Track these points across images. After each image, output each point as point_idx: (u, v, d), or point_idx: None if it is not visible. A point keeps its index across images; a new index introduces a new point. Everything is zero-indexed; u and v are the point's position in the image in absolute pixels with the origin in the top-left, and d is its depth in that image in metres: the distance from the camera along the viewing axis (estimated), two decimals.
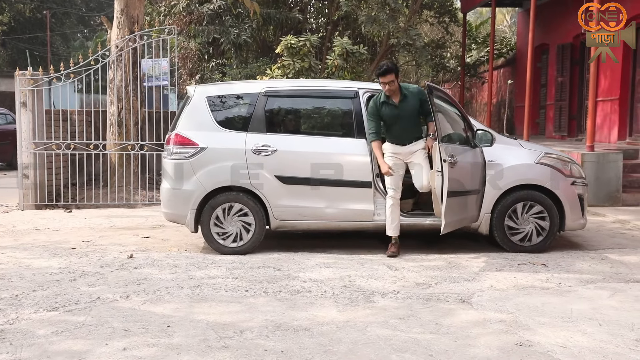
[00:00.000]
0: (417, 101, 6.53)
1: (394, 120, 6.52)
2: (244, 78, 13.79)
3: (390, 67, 6.41)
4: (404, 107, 6.50)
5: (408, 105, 6.51)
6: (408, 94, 6.54)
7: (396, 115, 6.49)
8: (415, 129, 6.66)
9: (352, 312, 4.74)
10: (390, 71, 6.38)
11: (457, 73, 19.91)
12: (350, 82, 8.07)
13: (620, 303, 4.92)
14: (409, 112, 6.52)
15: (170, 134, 6.96)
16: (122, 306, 4.85)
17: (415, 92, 6.59)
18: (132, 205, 10.32)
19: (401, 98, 6.51)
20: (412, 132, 6.61)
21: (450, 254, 6.69)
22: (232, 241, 6.72)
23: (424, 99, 6.49)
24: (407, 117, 6.53)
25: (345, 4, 13.94)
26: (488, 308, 4.83)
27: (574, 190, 6.79)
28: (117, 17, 11.04)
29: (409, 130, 6.60)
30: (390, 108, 6.51)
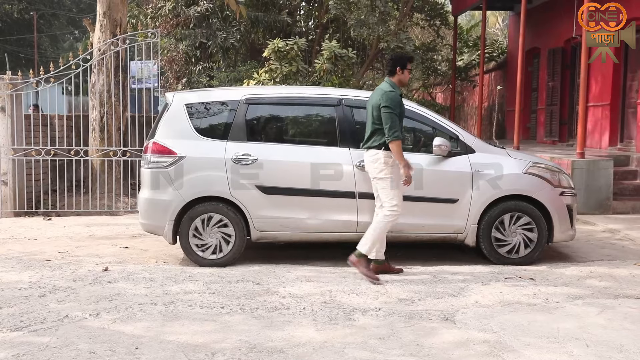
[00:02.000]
0: None
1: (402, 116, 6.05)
2: (232, 82, 13.60)
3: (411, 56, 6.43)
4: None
5: None
6: None
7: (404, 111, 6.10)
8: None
9: (330, 332, 4.55)
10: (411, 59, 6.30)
11: (448, 76, 19.78)
12: (334, 89, 7.88)
13: (608, 321, 4.75)
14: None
15: (148, 142, 6.76)
16: (90, 325, 4.64)
17: None
18: (114, 213, 10.10)
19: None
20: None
21: (436, 266, 6.52)
22: (212, 253, 6.52)
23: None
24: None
25: (334, 7, 13.76)
26: (472, 327, 4.65)
27: (562, 200, 6.63)
28: (99, 20, 10.82)
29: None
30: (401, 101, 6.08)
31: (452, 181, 6.51)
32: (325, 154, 6.55)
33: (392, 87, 5.96)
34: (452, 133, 6.65)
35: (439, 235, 6.62)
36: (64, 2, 41.11)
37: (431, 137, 6.58)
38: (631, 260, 6.84)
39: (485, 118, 19.65)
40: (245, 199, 6.46)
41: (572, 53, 14.93)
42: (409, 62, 6.11)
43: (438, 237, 6.65)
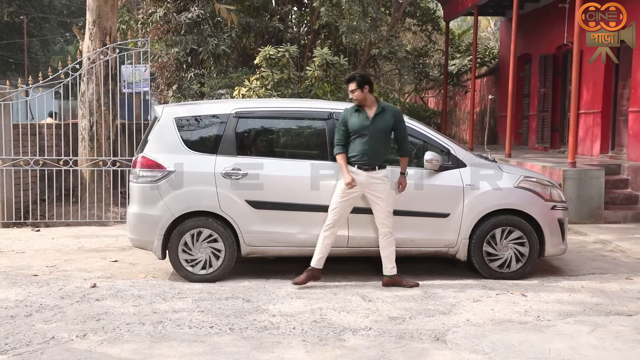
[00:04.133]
0: (391, 119, 6.17)
1: (361, 133, 6.09)
2: (223, 88, 13.55)
3: (351, 77, 6.22)
4: (377, 121, 6.11)
5: (382, 121, 6.13)
6: (386, 108, 6.23)
7: (366, 126, 6.08)
8: (382, 152, 6.19)
9: (320, 353, 4.50)
10: (351, 80, 6.18)
11: (440, 81, 19.79)
12: (324, 102, 7.81)
13: (600, 341, 4.71)
14: (380, 128, 6.12)
15: (137, 156, 6.70)
16: (77, 347, 4.57)
17: (392, 110, 6.32)
18: (104, 223, 10.03)
19: (377, 111, 6.15)
20: (378, 155, 6.13)
21: (427, 280, 6.48)
22: (201, 268, 6.46)
23: (399, 119, 6.25)
24: (377, 134, 6.10)
25: (325, 13, 13.74)
26: (463, 347, 4.61)
27: (554, 214, 6.61)
28: (89, 29, 10.74)
29: (376, 150, 6.12)
30: (360, 118, 6.14)
31: (443, 195, 6.48)
32: (316, 168, 6.49)
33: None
34: (443, 147, 6.62)
35: (431, 249, 6.59)
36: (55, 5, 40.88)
37: (422, 150, 6.55)
38: (622, 274, 6.82)
39: (477, 123, 19.67)
40: (235, 213, 6.41)
41: (563, 60, 14.95)
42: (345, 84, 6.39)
43: (429, 251, 6.62)
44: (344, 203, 6.13)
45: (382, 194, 6.13)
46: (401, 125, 6.24)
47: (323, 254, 6.23)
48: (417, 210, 6.47)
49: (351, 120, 6.16)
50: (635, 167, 10.60)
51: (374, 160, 6.12)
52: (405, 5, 16.04)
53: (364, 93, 6.13)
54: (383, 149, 6.21)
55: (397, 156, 6.34)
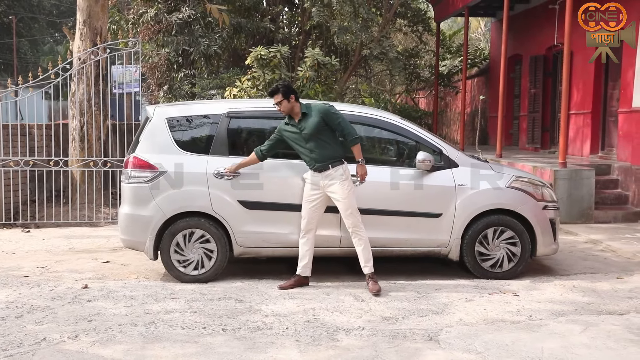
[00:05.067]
0: (318, 118, 6.01)
1: (298, 142, 6.10)
2: (215, 89, 13.51)
3: (275, 89, 6.09)
4: (304, 126, 6.03)
5: (309, 124, 6.02)
6: (308, 111, 6.09)
7: (297, 135, 6.08)
8: (327, 151, 6.03)
9: (314, 354, 4.50)
10: (275, 92, 6.07)
11: (430, 82, 19.83)
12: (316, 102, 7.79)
13: (592, 340, 4.74)
14: (311, 131, 6.00)
15: (128, 156, 6.67)
16: (68, 349, 4.55)
17: (317, 108, 6.10)
18: (95, 224, 9.98)
19: (300, 117, 6.08)
20: (323, 155, 6.01)
21: (419, 280, 6.49)
22: (194, 269, 6.44)
23: (326, 113, 6.03)
24: (310, 137, 6.01)
25: (317, 14, 13.73)
26: (456, 347, 4.62)
27: (545, 214, 6.63)
28: (79, 29, 10.69)
29: (320, 152, 6.01)
30: (292, 128, 6.12)
31: (435, 195, 6.48)
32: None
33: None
34: (436, 147, 6.63)
35: (423, 249, 6.59)
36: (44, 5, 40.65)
37: (414, 151, 6.56)
38: (613, 273, 6.85)
39: (468, 124, 19.73)
40: (227, 214, 6.40)
41: (553, 60, 15.01)
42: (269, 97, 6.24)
43: (422, 251, 6.62)
44: (310, 208, 6.13)
45: (340, 193, 6.01)
46: (332, 117, 6.03)
47: (306, 260, 6.21)
48: (410, 210, 6.47)
49: (286, 134, 6.17)
50: (625, 168, 10.66)
51: (323, 161, 6.02)
52: (396, 6, 16.07)
53: (290, 103, 6.06)
54: (329, 147, 6.05)
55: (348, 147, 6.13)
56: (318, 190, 6.10)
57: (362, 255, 6.10)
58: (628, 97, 10.96)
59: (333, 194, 6.05)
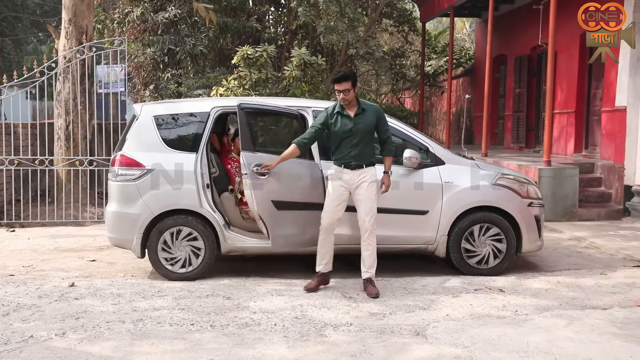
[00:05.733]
0: (374, 118, 5.95)
1: (345, 135, 5.88)
2: (201, 88, 13.48)
3: (346, 74, 5.84)
4: (359, 122, 5.88)
5: (365, 120, 5.89)
6: (366, 108, 5.97)
7: (350, 129, 5.87)
8: (368, 151, 5.96)
9: (302, 349, 4.52)
10: (347, 78, 5.80)
11: (416, 82, 19.91)
12: (302, 100, 7.81)
13: (576, 334, 4.80)
14: (364, 128, 5.89)
15: (115, 154, 6.65)
16: (56, 346, 4.54)
17: (373, 108, 6.12)
18: (81, 223, 9.93)
19: (358, 111, 5.90)
20: (364, 154, 5.91)
21: (406, 277, 6.53)
22: (181, 266, 6.44)
23: (381, 117, 6.06)
24: (361, 134, 5.88)
25: (303, 13, 13.75)
26: (443, 341, 4.66)
27: (530, 211, 6.70)
28: (64, 27, 10.63)
29: (362, 150, 5.90)
30: (344, 119, 5.89)
31: (422, 193, 6.52)
32: (295, 165, 6.47)
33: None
34: (422, 145, 6.68)
35: (410, 246, 6.64)
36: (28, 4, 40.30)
37: (401, 148, 6.59)
38: (597, 269, 6.94)
39: (453, 123, 19.83)
40: (214, 211, 6.40)
41: (538, 60, 15.15)
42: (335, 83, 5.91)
43: (409, 248, 6.67)
44: (337, 206, 5.95)
45: (367, 194, 5.89)
46: (384, 122, 6.04)
47: (327, 258, 6.05)
48: (397, 207, 6.49)
49: (335, 123, 5.93)
50: (609, 166, 10.78)
51: (361, 160, 5.90)
52: (382, 6, 16.12)
53: (354, 93, 5.90)
54: (369, 148, 5.98)
55: (380, 155, 6.15)
56: (345, 188, 5.92)
57: (368, 260, 5.96)
58: (611, 97, 11.09)
59: (359, 194, 5.90)
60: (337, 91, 5.84)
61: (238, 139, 7.00)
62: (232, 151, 7.01)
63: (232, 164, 6.90)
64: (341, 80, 5.80)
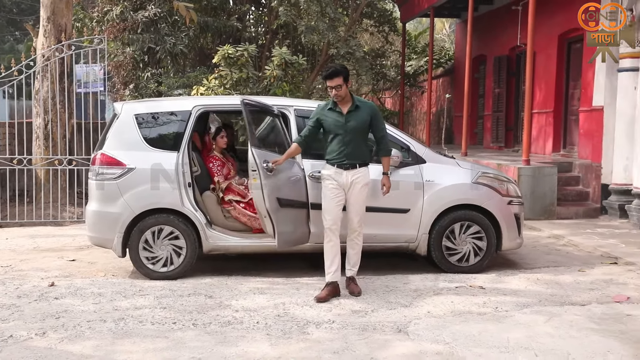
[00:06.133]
0: (368, 116, 5.75)
1: (337, 131, 5.70)
2: (181, 88, 13.41)
3: (337, 70, 5.64)
4: (352, 118, 5.70)
5: (358, 117, 5.71)
6: (360, 105, 5.78)
7: (341, 125, 5.69)
8: (361, 150, 5.79)
9: (285, 347, 4.53)
10: (338, 74, 5.60)
11: (397, 82, 20.00)
12: (284, 99, 7.83)
13: (555, 329, 4.86)
14: (356, 125, 5.70)
15: (96, 153, 6.61)
16: (36, 345, 4.50)
17: (368, 105, 5.89)
18: (60, 223, 9.84)
19: (351, 108, 5.72)
20: (357, 154, 5.74)
21: (388, 275, 6.57)
22: (162, 266, 6.42)
23: (376, 115, 5.84)
24: (354, 131, 5.70)
25: (284, 13, 13.73)
26: (424, 338, 4.70)
27: (510, 209, 6.77)
28: (43, 25, 10.53)
29: (354, 149, 5.72)
30: (336, 115, 5.72)
31: (403, 191, 6.55)
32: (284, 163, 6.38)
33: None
34: (404, 143, 6.71)
35: (391, 245, 6.67)
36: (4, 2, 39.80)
37: None
38: (575, 267, 7.03)
39: (433, 123, 19.97)
40: (196, 210, 6.39)
41: (517, 61, 15.30)
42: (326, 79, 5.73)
43: (390, 246, 6.70)
44: (337, 205, 5.78)
45: (359, 195, 5.78)
46: (379, 120, 5.87)
47: (335, 265, 5.79)
48: (378, 206, 6.48)
49: (325, 119, 5.78)
50: (586, 165, 10.93)
51: (354, 159, 5.74)
52: (363, 6, 16.17)
53: (347, 89, 5.71)
54: (363, 147, 5.83)
55: (376, 156, 6.05)
56: (339, 188, 5.77)
57: (353, 259, 5.89)
58: (588, 97, 11.24)
59: (352, 195, 5.77)
60: (329, 87, 5.70)
61: (220, 137, 7.01)
62: (214, 149, 6.99)
63: (214, 162, 6.88)
64: (332, 76, 5.63)
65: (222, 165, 6.91)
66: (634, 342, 4.57)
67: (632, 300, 5.66)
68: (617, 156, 10.15)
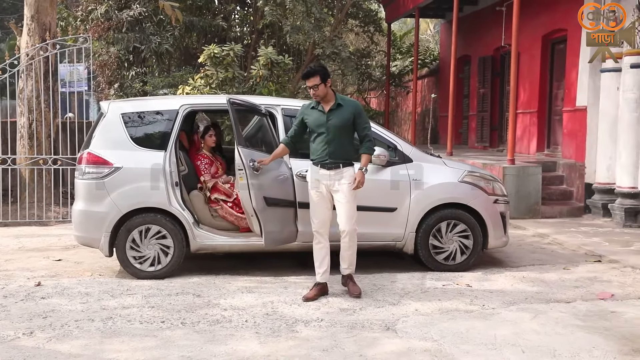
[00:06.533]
0: (350, 114, 5.67)
1: (320, 130, 5.66)
2: (166, 87, 13.37)
3: (313, 70, 5.61)
4: (334, 116, 5.64)
5: (340, 116, 5.64)
6: (343, 103, 5.71)
7: (323, 123, 5.65)
8: (345, 150, 5.72)
9: (274, 345, 4.54)
10: (314, 73, 5.57)
11: (382, 82, 20.06)
12: (271, 98, 7.84)
13: (541, 326, 4.92)
14: (338, 123, 5.63)
15: (82, 152, 6.58)
16: (24, 345, 4.48)
17: (351, 103, 5.82)
18: (45, 223, 9.78)
19: (333, 106, 5.66)
20: (340, 153, 5.67)
21: (375, 273, 6.60)
22: (150, 265, 6.40)
23: (359, 113, 5.75)
24: (336, 130, 5.63)
25: (269, 13, 13.74)
26: (413, 335, 4.74)
27: (496, 208, 6.83)
28: (27, 24, 10.45)
29: (337, 148, 5.65)
30: (318, 114, 5.69)
31: (390, 190, 6.59)
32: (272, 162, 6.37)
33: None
34: (390, 142, 6.74)
35: (379, 243, 6.70)
36: None
37: None
38: (560, 265, 7.11)
39: (418, 123, 20.05)
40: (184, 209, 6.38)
41: (501, 61, 15.42)
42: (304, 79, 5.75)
43: (377, 245, 6.73)
44: (325, 206, 5.77)
45: (346, 195, 5.68)
46: (363, 118, 5.76)
47: (325, 266, 5.79)
48: (365, 205, 6.46)
49: (308, 118, 5.76)
50: (570, 164, 11.04)
51: (337, 158, 5.67)
52: (348, 7, 16.21)
53: (326, 88, 5.65)
54: (347, 146, 5.75)
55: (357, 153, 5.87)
56: (323, 189, 5.73)
57: (348, 258, 5.82)
58: (572, 97, 11.35)
59: (338, 194, 5.70)
60: (308, 87, 5.71)
61: (208, 135, 7.01)
62: (203, 148, 6.98)
63: (202, 160, 6.87)
64: (309, 76, 5.62)
65: (210, 163, 6.90)
66: (618, 339, 4.63)
67: (616, 298, 5.74)
68: (600, 156, 10.27)
